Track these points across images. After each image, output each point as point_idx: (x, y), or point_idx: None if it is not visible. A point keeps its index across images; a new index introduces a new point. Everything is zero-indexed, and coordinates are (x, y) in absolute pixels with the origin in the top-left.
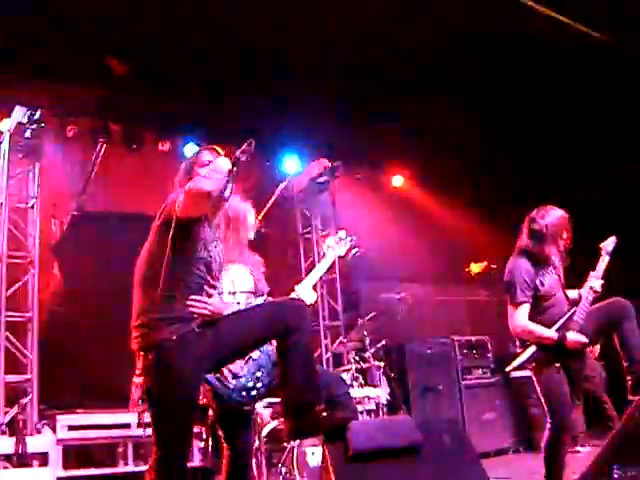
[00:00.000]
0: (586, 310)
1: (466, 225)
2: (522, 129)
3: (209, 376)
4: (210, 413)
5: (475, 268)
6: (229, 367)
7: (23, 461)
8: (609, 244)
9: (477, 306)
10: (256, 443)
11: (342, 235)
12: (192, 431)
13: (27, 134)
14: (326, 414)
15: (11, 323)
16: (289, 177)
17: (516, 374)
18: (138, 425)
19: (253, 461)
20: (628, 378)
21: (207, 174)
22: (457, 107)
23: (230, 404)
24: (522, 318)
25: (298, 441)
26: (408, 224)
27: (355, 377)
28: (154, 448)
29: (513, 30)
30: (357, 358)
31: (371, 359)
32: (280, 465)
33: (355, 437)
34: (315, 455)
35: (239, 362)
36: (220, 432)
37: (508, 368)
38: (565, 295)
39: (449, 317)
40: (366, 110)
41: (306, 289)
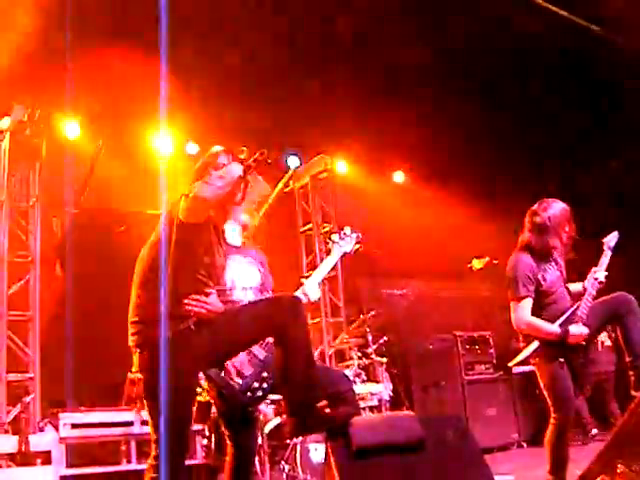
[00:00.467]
0: (589, 305)
1: (468, 220)
2: (524, 127)
3: (214, 374)
4: (213, 410)
5: (477, 264)
6: (235, 365)
7: (26, 459)
8: (611, 239)
9: (479, 301)
10: (259, 440)
11: (347, 231)
12: (190, 428)
13: (27, 132)
14: (329, 410)
15: (13, 322)
16: (290, 173)
17: (519, 369)
18: (142, 423)
19: (256, 458)
20: (631, 373)
21: (217, 178)
22: (459, 102)
23: (235, 404)
24: (526, 314)
25: (301, 438)
26: (409, 219)
27: (357, 373)
28: (153, 445)
29: (512, 22)
30: (359, 354)
31: (373, 355)
32: (283, 462)
33: (358, 433)
34: (318, 451)
35: (245, 361)
36: (224, 430)
37: (511, 363)
38: (567, 291)
39: (451, 313)
40: (366, 105)
41: (312, 285)
